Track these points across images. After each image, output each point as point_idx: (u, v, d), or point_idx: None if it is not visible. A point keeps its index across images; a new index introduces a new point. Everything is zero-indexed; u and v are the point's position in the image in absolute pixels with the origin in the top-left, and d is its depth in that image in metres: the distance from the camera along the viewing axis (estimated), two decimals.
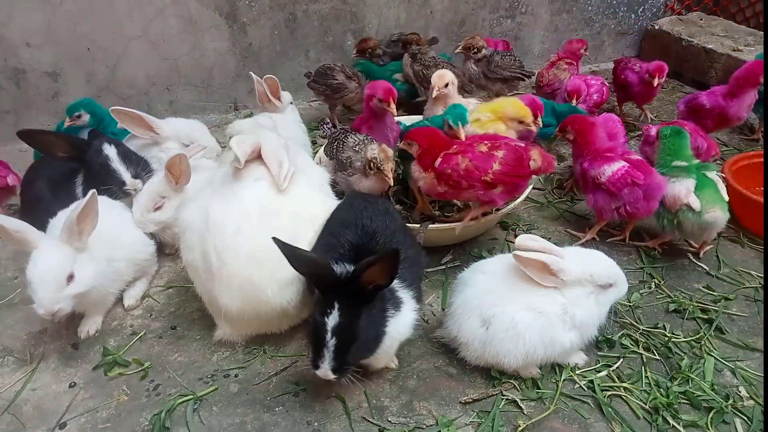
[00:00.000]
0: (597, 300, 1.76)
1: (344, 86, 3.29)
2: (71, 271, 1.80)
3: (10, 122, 3.26)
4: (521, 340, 1.71)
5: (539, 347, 1.72)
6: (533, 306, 1.71)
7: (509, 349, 1.72)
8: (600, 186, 2.31)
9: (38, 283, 1.75)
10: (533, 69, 4.28)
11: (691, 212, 2.20)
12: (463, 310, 1.80)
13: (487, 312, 1.73)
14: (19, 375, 1.89)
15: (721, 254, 2.41)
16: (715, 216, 2.19)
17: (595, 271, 1.75)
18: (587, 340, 1.82)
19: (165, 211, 2.25)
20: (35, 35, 3.11)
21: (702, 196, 2.20)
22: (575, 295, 1.73)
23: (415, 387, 1.82)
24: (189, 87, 3.53)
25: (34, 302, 1.76)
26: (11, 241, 1.81)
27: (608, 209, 2.33)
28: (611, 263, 1.80)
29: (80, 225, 1.83)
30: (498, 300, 1.74)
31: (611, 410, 1.73)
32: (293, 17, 3.58)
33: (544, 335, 1.72)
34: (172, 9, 3.30)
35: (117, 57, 3.32)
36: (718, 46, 3.79)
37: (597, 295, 1.75)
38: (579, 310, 1.73)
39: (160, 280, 2.33)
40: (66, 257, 1.80)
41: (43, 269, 1.76)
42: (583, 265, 1.74)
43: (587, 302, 1.74)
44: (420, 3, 3.81)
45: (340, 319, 1.52)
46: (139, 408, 1.76)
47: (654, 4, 4.37)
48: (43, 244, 1.80)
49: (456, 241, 2.38)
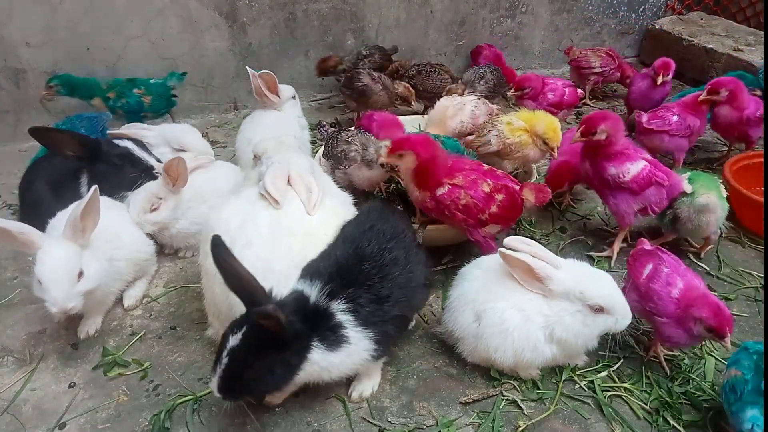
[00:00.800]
0: (584, 321, 1.68)
1: (370, 89, 3.23)
2: (80, 268, 1.80)
3: (10, 122, 3.26)
4: (509, 337, 1.70)
5: (526, 350, 1.71)
6: (522, 307, 1.71)
7: (498, 345, 1.72)
8: (621, 186, 2.22)
9: (50, 281, 1.74)
10: (533, 69, 4.30)
11: (685, 197, 2.20)
12: (458, 304, 1.82)
13: (480, 307, 1.75)
14: (19, 375, 1.89)
15: (722, 254, 2.40)
16: (708, 198, 2.17)
17: (587, 290, 1.67)
18: (575, 355, 1.81)
19: (161, 212, 2.25)
20: (35, 35, 3.11)
21: (695, 183, 2.22)
22: (560, 309, 1.69)
23: (415, 387, 1.82)
24: (189, 87, 3.53)
25: (46, 301, 1.74)
26: (15, 244, 1.80)
27: (630, 212, 2.26)
28: (612, 289, 1.72)
29: (83, 222, 1.83)
30: (491, 296, 1.75)
31: (612, 410, 1.72)
32: (293, 17, 3.58)
33: (530, 340, 1.70)
34: (171, 9, 3.30)
35: (117, 57, 3.31)
36: (719, 46, 3.79)
37: (585, 315, 1.68)
38: (559, 327, 1.69)
39: (159, 281, 2.33)
40: (74, 254, 1.81)
41: (53, 267, 1.75)
42: (575, 280, 1.68)
43: (572, 320, 1.68)
44: (420, 2, 3.81)
45: (240, 343, 1.44)
46: (139, 408, 1.76)
47: (654, 4, 4.37)
48: (47, 244, 1.80)
49: (456, 241, 2.37)
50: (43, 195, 2.31)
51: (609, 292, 1.71)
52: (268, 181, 1.80)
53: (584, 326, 1.70)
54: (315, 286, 1.59)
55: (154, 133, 2.65)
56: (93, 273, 1.85)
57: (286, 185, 1.83)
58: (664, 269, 1.78)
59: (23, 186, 2.44)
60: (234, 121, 3.59)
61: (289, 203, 1.81)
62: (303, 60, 3.74)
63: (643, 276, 1.80)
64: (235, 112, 3.73)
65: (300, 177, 1.86)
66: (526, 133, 2.43)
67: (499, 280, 1.77)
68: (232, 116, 3.69)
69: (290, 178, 1.86)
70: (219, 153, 3.16)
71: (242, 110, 3.72)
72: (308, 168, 1.95)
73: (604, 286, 1.72)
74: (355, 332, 1.57)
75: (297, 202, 1.82)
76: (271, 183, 1.80)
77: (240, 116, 3.62)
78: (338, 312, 1.56)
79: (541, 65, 4.34)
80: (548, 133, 2.37)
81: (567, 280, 1.69)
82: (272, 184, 1.79)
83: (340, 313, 1.56)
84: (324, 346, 1.54)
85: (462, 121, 2.73)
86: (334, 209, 1.90)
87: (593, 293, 1.68)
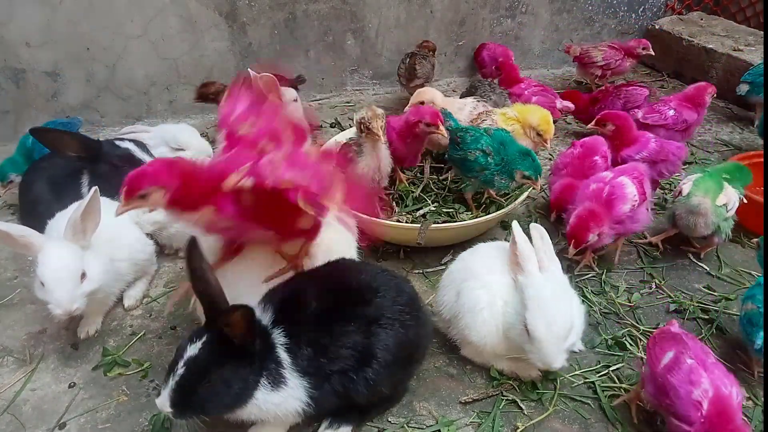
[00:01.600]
0: (520, 333, 1.63)
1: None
2: (83, 269, 1.80)
3: (10, 122, 3.25)
4: (479, 317, 1.71)
5: (488, 335, 1.71)
6: (490, 289, 1.71)
7: (468, 323, 1.73)
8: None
9: (54, 283, 1.73)
10: (534, 69, 4.30)
11: (682, 197, 2.25)
12: (445, 283, 1.88)
13: (459, 285, 1.78)
14: (19, 375, 1.89)
15: (722, 254, 2.40)
16: (700, 201, 2.19)
17: (532, 309, 1.59)
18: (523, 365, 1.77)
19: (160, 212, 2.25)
20: (35, 35, 3.11)
21: (697, 184, 2.25)
22: (513, 304, 1.67)
23: (415, 387, 1.82)
24: (189, 87, 3.53)
25: (50, 303, 1.73)
26: (16, 247, 1.79)
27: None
28: (551, 331, 1.57)
29: (84, 223, 1.83)
30: (468, 275, 1.78)
31: (612, 411, 1.72)
32: (293, 17, 3.58)
33: (489, 324, 1.70)
34: (171, 8, 3.30)
35: (117, 57, 3.31)
36: (719, 46, 3.78)
37: (521, 331, 1.61)
38: (504, 321, 1.68)
39: (160, 281, 2.32)
40: (76, 255, 1.80)
41: (56, 269, 1.74)
42: (535, 290, 1.60)
43: (512, 322, 1.65)
44: (420, 2, 3.81)
45: (199, 352, 1.36)
46: (139, 408, 1.76)
47: (654, 4, 4.36)
48: (48, 245, 1.79)
49: (456, 241, 2.37)
50: (43, 195, 2.31)
51: (545, 330, 1.56)
52: None
53: (517, 336, 1.64)
54: (267, 311, 1.53)
55: (153, 133, 2.66)
56: (96, 274, 1.84)
57: None
58: (687, 360, 1.48)
59: (23, 186, 2.44)
60: None
61: None
62: (303, 60, 3.73)
63: (660, 365, 1.52)
64: None
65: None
66: (518, 124, 2.54)
67: (483, 261, 1.80)
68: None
69: None
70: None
71: None
72: None
73: (548, 320, 1.57)
74: (292, 376, 1.47)
75: None
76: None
77: None
78: (278, 345, 1.48)
79: (541, 65, 4.34)
80: (542, 125, 2.50)
81: (531, 284, 1.63)
82: None
83: (280, 347, 1.48)
84: (266, 379, 1.44)
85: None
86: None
87: (533, 317, 1.58)
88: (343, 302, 1.56)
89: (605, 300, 2.17)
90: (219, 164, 1.52)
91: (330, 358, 1.50)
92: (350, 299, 1.56)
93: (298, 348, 1.48)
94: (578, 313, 1.70)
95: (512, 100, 3.06)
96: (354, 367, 1.52)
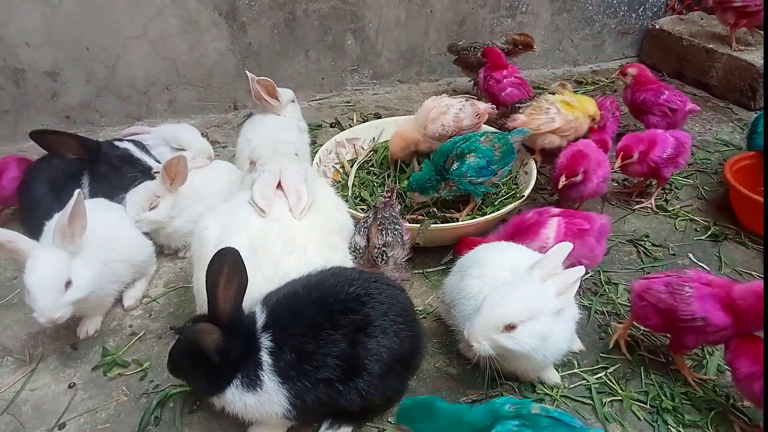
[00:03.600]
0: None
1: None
2: (68, 277, 1.79)
3: (10, 122, 3.25)
4: (468, 304, 1.71)
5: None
6: (486, 283, 1.71)
7: (461, 311, 1.74)
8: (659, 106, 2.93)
9: (37, 292, 1.73)
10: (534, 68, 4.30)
11: None
12: (456, 267, 1.92)
13: (465, 271, 1.81)
14: (19, 375, 1.89)
15: (722, 254, 2.40)
16: None
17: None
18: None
19: (159, 211, 2.25)
20: (35, 35, 3.11)
21: None
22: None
23: (415, 387, 1.82)
24: (188, 86, 3.53)
25: (34, 311, 1.74)
26: (4, 252, 1.79)
27: (662, 125, 2.91)
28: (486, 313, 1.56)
29: (71, 228, 1.82)
30: (476, 263, 1.80)
31: (612, 411, 1.72)
32: (293, 16, 3.58)
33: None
34: (171, 8, 3.30)
35: (116, 57, 3.31)
36: (719, 46, 3.78)
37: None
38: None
39: (159, 281, 2.32)
40: (62, 263, 1.79)
41: (40, 277, 1.74)
42: (522, 297, 1.58)
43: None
44: (420, 2, 3.81)
45: (182, 341, 1.58)
46: (139, 408, 1.76)
47: (655, 4, 4.36)
48: (36, 253, 1.78)
49: (456, 241, 2.37)
50: (42, 196, 2.32)
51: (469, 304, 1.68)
52: (257, 192, 1.85)
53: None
54: (263, 314, 1.57)
55: (153, 134, 2.66)
56: (83, 281, 1.83)
57: (274, 195, 1.86)
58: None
59: (23, 187, 2.44)
60: (234, 121, 3.59)
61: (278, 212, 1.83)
62: (303, 60, 3.73)
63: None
64: (235, 112, 3.73)
65: (291, 182, 1.89)
66: (580, 111, 2.77)
67: (497, 255, 1.81)
68: (231, 116, 3.68)
69: (282, 181, 1.89)
70: (219, 153, 3.15)
71: (242, 110, 3.71)
72: (301, 175, 1.96)
73: (489, 303, 1.57)
74: (270, 380, 1.50)
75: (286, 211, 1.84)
76: (258, 193, 1.84)
77: (240, 116, 3.62)
78: (263, 349, 1.52)
79: (541, 65, 4.34)
80: (597, 113, 2.86)
81: (516, 277, 1.66)
82: (260, 194, 1.84)
83: (264, 351, 1.51)
84: (244, 380, 1.51)
85: (443, 125, 2.64)
86: (322, 219, 1.90)
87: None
88: (332, 311, 1.55)
89: (605, 300, 2.17)
90: None
91: (315, 366, 1.49)
92: (340, 308, 1.55)
93: (282, 353, 1.50)
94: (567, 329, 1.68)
95: (492, 84, 3.27)
96: (340, 377, 1.51)
